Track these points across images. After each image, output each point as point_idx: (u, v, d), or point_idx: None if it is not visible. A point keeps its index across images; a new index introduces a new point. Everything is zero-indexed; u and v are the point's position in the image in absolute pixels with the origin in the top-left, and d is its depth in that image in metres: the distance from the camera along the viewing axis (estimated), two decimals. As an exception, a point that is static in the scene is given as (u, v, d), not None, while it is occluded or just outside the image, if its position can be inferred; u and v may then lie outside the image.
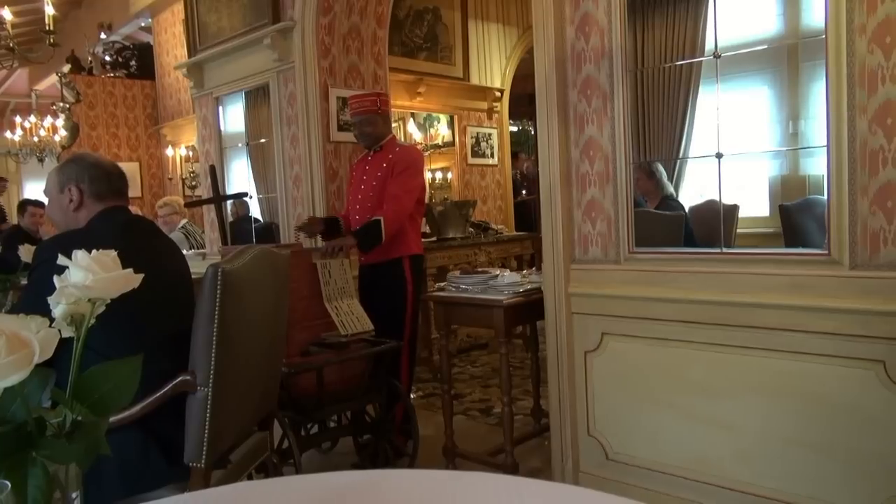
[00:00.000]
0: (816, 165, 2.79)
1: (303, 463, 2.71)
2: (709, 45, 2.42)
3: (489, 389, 4.44)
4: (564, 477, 2.72)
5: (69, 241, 1.76)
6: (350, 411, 3.21)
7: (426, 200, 4.28)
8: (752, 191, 2.99)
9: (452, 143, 7.33)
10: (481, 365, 5.17)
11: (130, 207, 2.14)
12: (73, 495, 0.71)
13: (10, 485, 0.55)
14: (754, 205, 3.00)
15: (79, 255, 0.74)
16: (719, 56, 2.33)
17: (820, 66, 2.09)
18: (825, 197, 2.09)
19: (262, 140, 4.56)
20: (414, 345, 3.49)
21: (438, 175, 7.59)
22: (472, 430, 3.66)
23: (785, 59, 2.88)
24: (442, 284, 3.17)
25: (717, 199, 2.42)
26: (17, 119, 8.62)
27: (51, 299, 0.76)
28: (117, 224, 1.87)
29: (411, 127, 7.27)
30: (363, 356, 3.04)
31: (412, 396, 3.88)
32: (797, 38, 2.73)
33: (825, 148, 2.05)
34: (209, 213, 5.01)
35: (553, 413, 2.79)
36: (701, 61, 2.57)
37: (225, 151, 4.91)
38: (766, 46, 2.62)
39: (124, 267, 0.78)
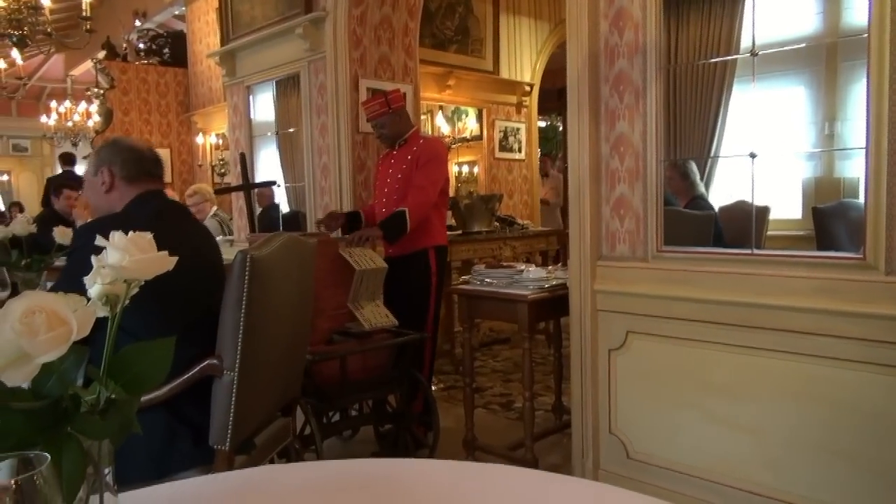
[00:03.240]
0: (852, 168, 2.73)
1: (323, 450, 2.74)
2: (744, 43, 2.38)
3: (510, 384, 4.44)
4: (584, 474, 2.71)
5: (106, 226, 1.79)
6: (371, 400, 3.23)
7: (450, 193, 4.27)
8: (784, 193, 2.94)
9: (480, 137, 7.31)
10: (503, 359, 5.17)
11: (167, 191, 2.17)
12: (106, 471, 0.72)
13: (49, 457, 0.56)
14: (786, 207, 2.95)
15: (116, 236, 0.75)
16: (756, 54, 2.29)
17: (860, 66, 2.04)
18: (861, 200, 2.04)
19: (292, 129, 4.59)
20: (435, 336, 3.50)
21: (465, 168, 7.58)
22: (492, 423, 3.67)
23: (823, 58, 2.82)
24: (466, 278, 3.17)
25: (749, 199, 2.39)
26: (53, 104, 8.79)
27: (87, 279, 0.77)
28: (152, 210, 1.90)
29: (439, 119, 7.27)
30: (386, 346, 3.06)
31: (433, 388, 3.89)
32: (836, 37, 2.67)
33: (863, 150, 2.01)
34: (237, 200, 5.06)
35: (575, 410, 2.78)
36: (736, 59, 2.53)
37: (254, 140, 4.96)
38: (804, 45, 2.57)
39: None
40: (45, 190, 8.06)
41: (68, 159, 8.09)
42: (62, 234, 2.74)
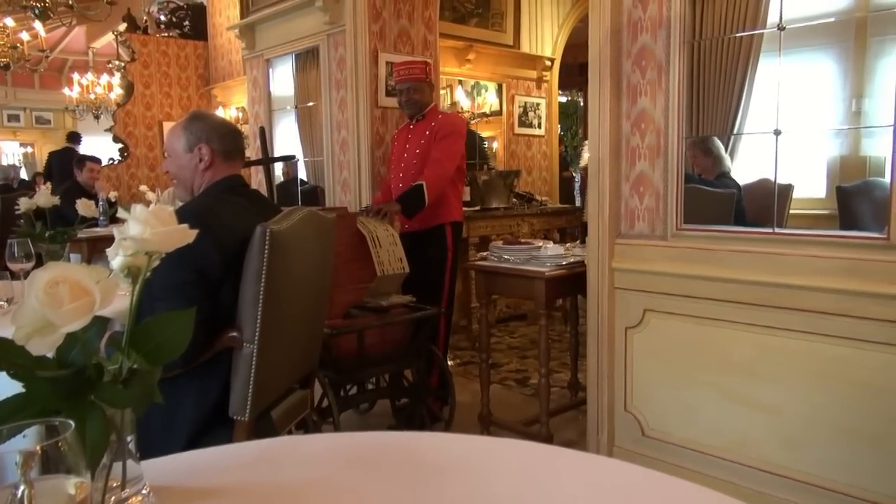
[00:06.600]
0: (878, 146, 2.67)
1: (341, 422, 2.77)
2: (771, 18, 2.33)
3: (526, 360, 4.46)
4: (599, 450, 2.73)
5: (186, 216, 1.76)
6: (388, 374, 3.26)
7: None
8: (808, 171, 2.89)
9: (500, 112, 7.24)
10: (519, 336, 5.18)
11: None
12: (129, 438, 0.74)
13: (74, 424, 0.58)
14: (810, 185, 2.90)
15: (137, 209, 0.76)
16: (784, 28, 2.24)
17: (889, 41, 2.00)
18: (887, 179, 2.01)
19: (311, 103, 4.59)
20: (450, 311, 3.52)
21: (484, 144, 7.52)
22: (507, 399, 3.69)
23: (852, 33, 2.76)
24: (484, 254, 3.16)
25: (772, 177, 2.35)
26: (75, 76, 8.83)
27: (109, 251, 0.79)
28: (225, 202, 1.85)
29: (459, 94, 7.21)
30: (403, 321, 3.08)
31: (449, 364, 3.92)
32: (867, 11, 2.60)
33: (891, 128, 1.97)
34: (257, 174, 5.08)
35: (590, 387, 2.78)
36: (762, 33, 2.48)
37: (273, 114, 4.96)
38: (832, 19, 2.51)
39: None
40: (47, 164, 8.24)
41: (73, 138, 8.26)
42: (85, 207, 2.79)
